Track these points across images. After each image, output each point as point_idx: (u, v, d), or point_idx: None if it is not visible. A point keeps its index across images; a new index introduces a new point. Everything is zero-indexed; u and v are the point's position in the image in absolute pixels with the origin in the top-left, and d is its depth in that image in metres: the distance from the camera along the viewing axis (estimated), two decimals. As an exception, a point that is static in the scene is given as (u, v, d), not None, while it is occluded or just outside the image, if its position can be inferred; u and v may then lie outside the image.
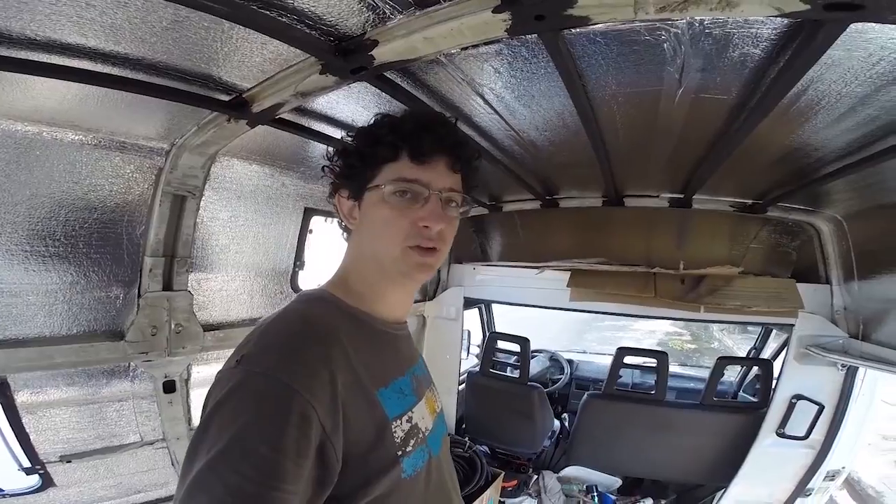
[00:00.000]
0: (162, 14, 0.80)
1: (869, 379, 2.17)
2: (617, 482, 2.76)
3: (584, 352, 4.43)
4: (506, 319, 4.26)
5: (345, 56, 0.92)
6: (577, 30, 0.87)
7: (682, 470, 2.62)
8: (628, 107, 1.28)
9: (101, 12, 0.78)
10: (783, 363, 2.27)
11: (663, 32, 0.91)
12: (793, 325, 2.18)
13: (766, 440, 2.28)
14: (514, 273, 2.65)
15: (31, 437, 1.40)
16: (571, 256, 2.51)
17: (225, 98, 1.17)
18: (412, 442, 0.73)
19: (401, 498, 0.70)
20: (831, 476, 2.30)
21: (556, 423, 3.25)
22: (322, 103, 1.32)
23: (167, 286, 1.54)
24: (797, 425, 2.19)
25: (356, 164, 0.78)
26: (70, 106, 1.14)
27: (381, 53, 0.91)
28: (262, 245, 1.86)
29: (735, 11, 0.73)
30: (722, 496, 2.44)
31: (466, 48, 0.95)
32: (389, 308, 0.83)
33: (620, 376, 2.69)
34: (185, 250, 1.55)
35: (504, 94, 1.23)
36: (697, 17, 0.83)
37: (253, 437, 0.55)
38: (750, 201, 2.21)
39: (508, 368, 3.31)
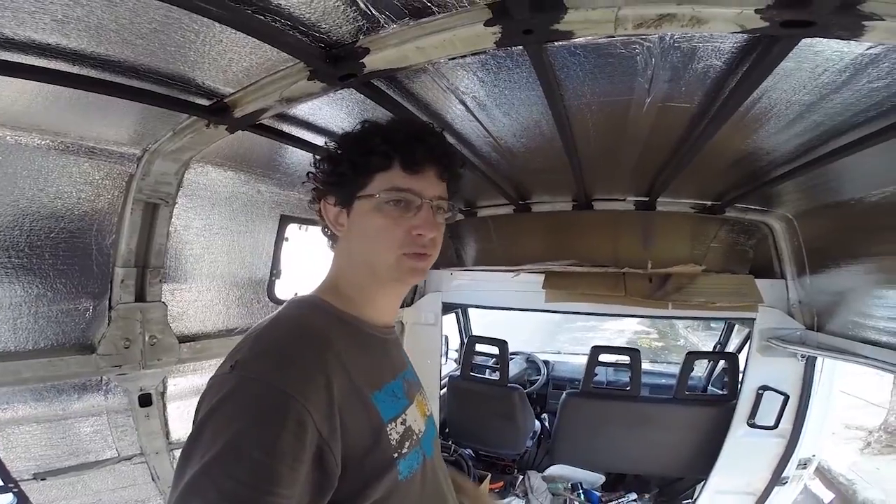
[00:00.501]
0: (153, 15, 0.78)
1: (827, 368, 2.33)
2: (600, 479, 2.84)
3: (559, 352, 4.53)
4: (479, 323, 4.32)
5: (335, 63, 0.93)
6: (560, 43, 0.91)
7: (661, 464, 2.73)
8: (600, 115, 1.34)
9: (89, 11, 0.75)
10: (747, 356, 2.41)
11: (637, 46, 0.97)
12: (754, 319, 2.32)
13: (738, 431, 2.41)
14: (490, 277, 2.70)
15: (0, 455, 1.33)
16: (544, 259, 2.58)
17: (205, 102, 1.15)
18: (407, 444, 0.74)
19: (398, 500, 0.71)
20: (803, 464, 2.44)
21: (537, 423, 3.31)
22: (302, 109, 1.31)
23: (140, 297, 1.48)
24: (766, 415, 2.33)
25: (346, 171, 0.78)
26: (36, 108, 1.09)
27: (372, 61, 0.93)
28: (237, 254, 1.82)
29: (703, 28, 0.79)
30: (703, 488, 2.55)
31: (454, 58, 0.97)
32: (379, 313, 0.85)
33: (596, 374, 2.78)
34: (159, 260, 1.50)
35: (486, 102, 1.26)
36: (669, 33, 0.89)
37: (248, 442, 0.56)
38: (709, 203, 2.35)
39: (487, 371, 3.35)
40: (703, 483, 2.56)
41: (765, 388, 2.32)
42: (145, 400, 1.56)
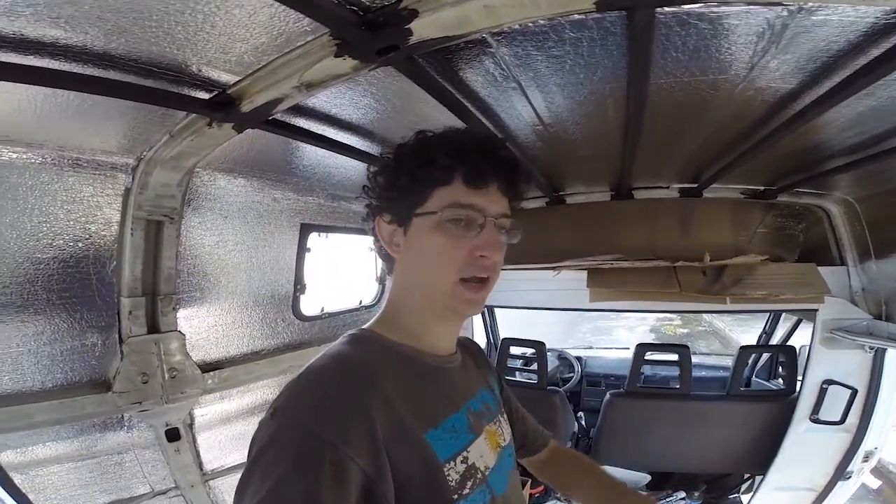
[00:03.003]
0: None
1: (892, 359, 2.04)
2: (645, 478, 2.58)
3: (591, 346, 4.24)
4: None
5: (372, 31, 0.65)
6: (670, 8, 0.67)
7: (713, 461, 2.46)
8: (682, 95, 1.06)
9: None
10: (810, 349, 2.12)
11: (760, 17, 0.72)
12: (816, 310, 2.02)
13: (800, 426, 2.13)
14: (525, 276, 2.40)
15: (30, 498, 1.16)
16: (580, 254, 2.28)
17: (204, 96, 0.87)
18: (469, 484, 0.66)
19: None
20: (866, 458, 2.17)
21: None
22: (320, 99, 1.03)
23: (153, 328, 1.24)
24: (830, 410, 2.05)
25: (404, 186, 0.69)
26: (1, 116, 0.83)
27: (421, 27, 0.65)
28: (256, 270, 1.56)
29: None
30: (761, 484, 2.29)
31: (526, 24, 0.69)
32: (440, 340, 0.76)
33: (642, 373, 2.50)
34: (169, 286, 1.25)
35: (548, 81, 0.97)
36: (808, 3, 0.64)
37: (288, 489, 0.52)
38: (762, 188, 2.05)
39: (517, 374, 3.08)
40: (761, 479, 2.30)
41: (830, 381, 2.03)
42: (173, 435, 1.35)
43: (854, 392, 1.99)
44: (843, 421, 2.04)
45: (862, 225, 1.95)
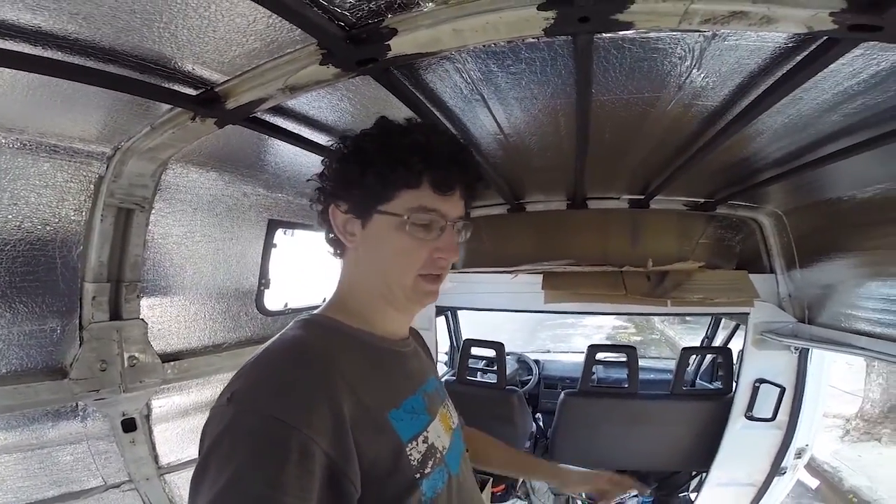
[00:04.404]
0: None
1: (817, 359, 2.36)
2: None
3: (548, 351, 4.49)
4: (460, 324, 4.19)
5: (355, 44, 0.80)
6: (608, 35, 0.83)
7: (660, 459, 2.71)
8: (623, 111, 1.26)
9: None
10: (742, 350, 2.42)
11: (683, 42, 0.90)
12: (747, 314, 2.31)
13: (736, 424, 2.42)
14: (484, 279, 2.59)
15: None
16: (537, 259, 2.51)
17: (192, 92, 0.98)
18: (430, 463, 0.70)
19: None
20: (799, 454, 2.47)
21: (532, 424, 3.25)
22: (298, 100, 1.16)
23: (115, 315, 1.29)
24: (763, 407, 2.34)
25: (370, 182, 0.71)
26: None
27: (400, 44, 0.79)
28: (222, 263, 1.63)
29: (770, 27, 0.74)
30: (704, 481, 2.55)
31: (489, 45, 0.86)
32: (393, 326, 0.81)
33: (593, 373, 2.72)
34: (135, 273, 1.31)
35: (507, 94, 1.15)
36: (725, 31, 0.83)
37: (250, 478, 0.53)
38: (702, 200, 2.33)
39: (478, 374, 3.25)
40: (704, 476, 2.56)
41: (761, 380, 2.33)
42: (129, 425, 1.38)
43: (783, 390, 2.28)
44: (774, 417, 2.32)
45: (789, 236, 2.25)
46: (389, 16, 0.76)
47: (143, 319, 1.35)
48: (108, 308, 1.28)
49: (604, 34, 0.83)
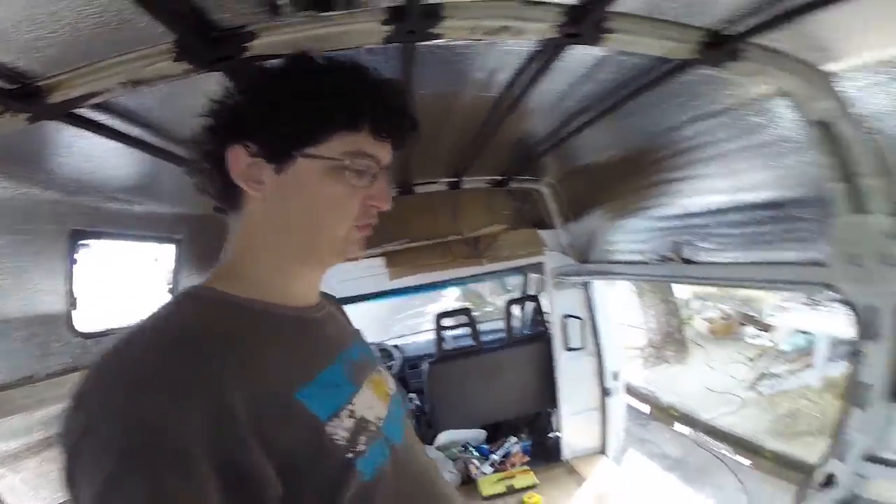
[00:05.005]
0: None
1: (599, 291, 3.16)
2: (482, 433, 3.22)
3: (403, 335, 4.80)
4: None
5: (214, 44, 0.88)
6: (426, 43, 1.07)
7: (521, 405, 3.26)
8: (436, 104, 1.56)
9: None
10: (549, 294, 3.10)
11: (474, 47, 1.22)
12: (543, 263, 3.01)
13: (561, 358, 3.07)
14: (331, 270, 2.72)
15: None
16: (377, 244, 2.78)
17: (6, 86, 0.90)
18: (362, 439, 0.63)
19: (374, 502, 0.62)
20: (615, 376, 3.20)
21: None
22: (129, 96, 1.12)
23: None
24: (574, 339, 3.03)
25: (296, 119, 0.63)
26: None
27: (259, 45, 0.90)
28: (18, 284, 1.40)
29: (522, 37, 1.08)
30: (559, 416, 3.15)
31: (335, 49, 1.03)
32: (303, 289, 0.74)
33: (444, 340, 3.14)
34: None
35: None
36: (500, 40, 1.15)
37: (120, 493, 0.45)
38: (499, 178, 2.90)
39: None
40: (557, 411, 3.17)
41: (567, 315, 3.04)
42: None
43: (581, 320, 3.02)
44: (584, 346, 3.04)
45: (562, 199, 2.96)
46: (252, 23, 0.87)
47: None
48: None
49: (424, 42, 1.07)
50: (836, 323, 5.12)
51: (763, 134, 1.43)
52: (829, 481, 1.58)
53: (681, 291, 8.27)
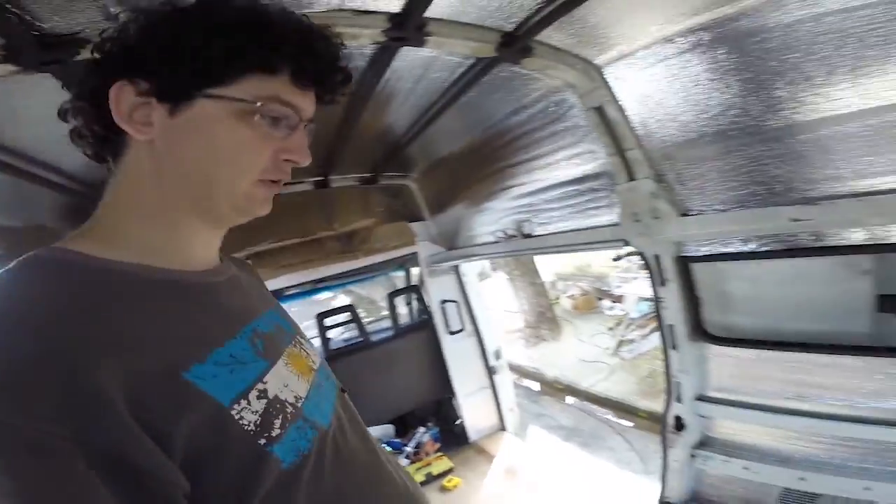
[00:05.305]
0: None
1: (469, 275, 3.44)
2: (390, 427, 3.29)
3: None
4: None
5: (47, 49, 0.91)
6: None
7: (417, 394, 3.37)
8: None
9: None
10: (427, 282, 3.31)
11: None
12: (417, 254, 3.23)
13: (446, 341, 3.28)
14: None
15: None
16: (240, 249, 2.74)
17: None
18: (277, 423, 0.57)
19: (295, 492, 0.57)
20: (497, 355, 3.44)
21: None
22: None
23: None
24: (454, 322, 3.26)
25: (202, 54, 0.55)
26: None
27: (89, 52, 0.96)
28: None
29: (357, 41, 1.23)
30: (459, 400, 3.32)
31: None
32: (197, 250, 0.65)
33: (331, 338, 3.20)
34: None
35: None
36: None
37: None
38: (368, 175, 3.05)
39: None
40: (454, 396, 3.35)
41: (444, 300, 3.28)
42: None
43: (457, 303, 3.28)
44: (463, 327, 3.28)
45: (428, 192, 3.20)
46: (87, 30, 0.92)
47: None
48: None
49: None
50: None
51: (563, 121, 1.79)
52: (680, 424, 1.97)
53: (546, 274, 9.20)
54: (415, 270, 3.93)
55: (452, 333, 3.33)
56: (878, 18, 1.05)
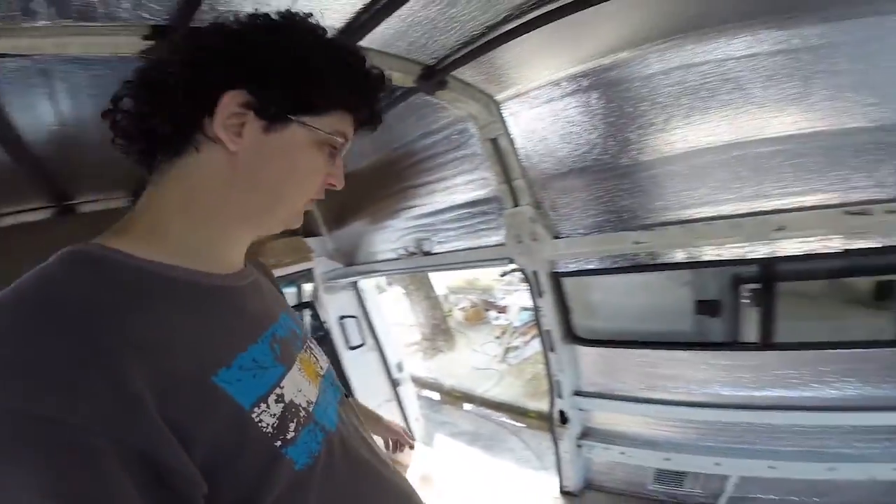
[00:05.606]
0: None
1: (369, 291, 3.46)
2: None
3: None
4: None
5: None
6: None
7: None
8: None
9: None
10: (323, 299, 3.27)
11: None
12: (312, 270, 3.18)
13: (346, 357, 3.24)
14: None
15: None
16: None
17: None
18: (292, 426, 0.59)
19: (306, 493, 0.59)
20: (400, 367, 3.45)
21: None
22: None
23: None
24: (354, 337, 3.25)
25: (310, 87, 0.62)
26: None
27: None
28: None
29: None
30: None
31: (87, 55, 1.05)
32: (229, 256, 0.67)
33: None
34: None
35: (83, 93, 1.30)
36: None
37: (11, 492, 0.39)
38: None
39: None
40: None
41: (342, 316, 3.27)
42: None
43: (356, 318, 3.28)
44: (364, 342, 3.27)
45: (326, 206, 3.19)
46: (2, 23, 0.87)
47: None
48: None
49: None
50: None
51: (463, 148, 2.03)
52: (564, 417, 2.22)
53: (439, 288, 9.65)
54: (307, 286, 3.90)
55: (353, 348, 3.33)
56: (709, 74, 1.36)
